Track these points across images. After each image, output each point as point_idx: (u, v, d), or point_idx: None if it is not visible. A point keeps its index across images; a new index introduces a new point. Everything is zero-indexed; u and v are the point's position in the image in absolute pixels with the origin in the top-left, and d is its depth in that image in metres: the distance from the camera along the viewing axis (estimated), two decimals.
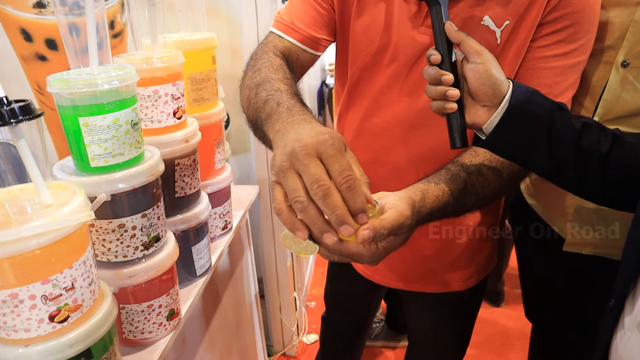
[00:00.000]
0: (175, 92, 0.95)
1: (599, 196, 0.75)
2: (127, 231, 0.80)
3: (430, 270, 1.09)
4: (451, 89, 0.69)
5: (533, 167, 0.75)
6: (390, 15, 0.89)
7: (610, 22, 0.92)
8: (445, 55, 0.70)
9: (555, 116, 0.69)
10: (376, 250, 0.65)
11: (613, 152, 0.70)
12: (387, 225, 0.62)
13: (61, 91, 0.73)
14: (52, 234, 0.59)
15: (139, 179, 0.79)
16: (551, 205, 1.12)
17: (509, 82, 0.70)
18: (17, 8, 1.68)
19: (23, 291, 0.59)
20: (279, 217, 0.59)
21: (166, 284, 0.89)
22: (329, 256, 0.66)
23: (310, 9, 0.94)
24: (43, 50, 1.76)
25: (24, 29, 1.72)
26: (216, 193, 1.22)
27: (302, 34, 0.94)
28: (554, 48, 0.81)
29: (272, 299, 2.02)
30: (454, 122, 0.71)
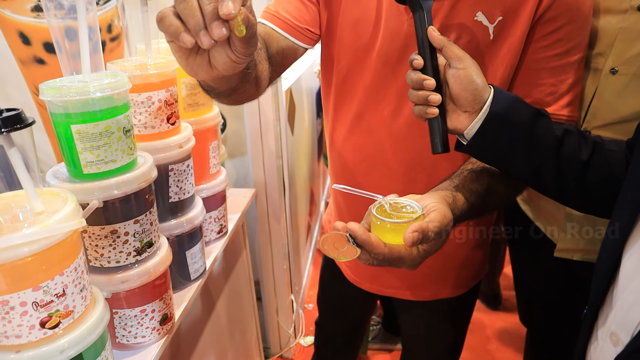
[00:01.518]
0: (169, 98, 0.96)
1: (578, 203, 0.75)
2: (119, 237, 0.81)
3: (421, 278, 1.09)
4: (433, 93, 0.70)
5: (513, 173, 0.75)
6: (379, 9, 0.89)
7: (599, 30, 0.93)
8: (427, 60, 0.71)
9: (536, 122, 0.70)
10: (417, 254, 0.66)
11: (593, 159, 0.70)
12: (434, 228, 0.64)
13: (53, 99, 0.74)
14: (44, 241, 0.60)
15: (131, 186, 0.79)
16: (543, 210, 1.13)
17: (490, 88, 0.70)
18: (15, 12, 1.69)
19: (14, 298, 0.60)
20: (160, 23, 0.53)
21: (159, 288, 0.89)
22: (369, 260, 0.65)
23: (295, 1, 0.94)
24: (41, 54, 1.77)
25: (22, 32, 1.73)
26: (211, 197, 1.22)
27: (283, 21, 0.93)
28: (555, 47, 0.81)
29: (269, 301, 2.02)
30: (435, 127, 0.71)
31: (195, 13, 0.50)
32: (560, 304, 1.18)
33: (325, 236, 0.66)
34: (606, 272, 0.64)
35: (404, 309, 1.22)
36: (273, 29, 0.93)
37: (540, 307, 1.27)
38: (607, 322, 0.63)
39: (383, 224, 0.65)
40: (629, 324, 0.58)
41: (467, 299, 1.15)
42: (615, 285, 0.63)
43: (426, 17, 0.71)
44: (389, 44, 0.90)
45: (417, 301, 1.13)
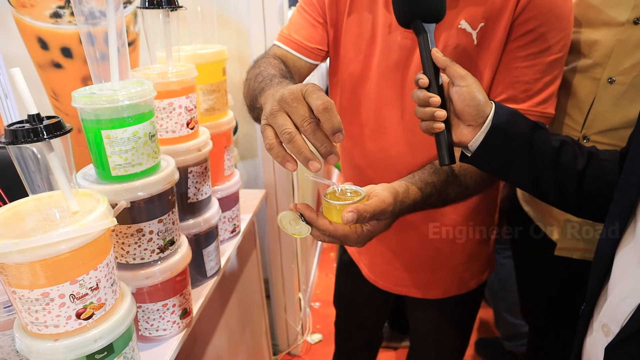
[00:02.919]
0: (188, 104, 1.01)
1: (576, 209, 0.80)
2: (144, 235, 0.86)
3: (431, 277, 1.15)
4: (438, 110, 0.74)
5: (515, 181, 0.81)
6: (375, 25, 0.97)
7: (597, 41, 0.98)
8: (432, 79, 0.75)
9: (534, 134, 0.75)
10: (361, 233, 0.74)
11: (588, 168, 0.75)
12: (370, 210, 0.71)
13: (85, 106, 0.79)
14: (80, 239, 0.65)
15: (156, 187, 0.85)
16: (544, 210, 1.17)
17: (492, 104, 0.75)
18: (34, 18, 1.75)
19: (53, 290, 0.65)
20: (270, 152, 0.66)
21: (179, 284, 0.95)
22: (320, 237, 0.74)
23: (305, 23, 1.05)
24: (58, 58, 1.83)
25: (40, 37, 1.80)
26: (225, 198, 1.28)
27: (297, 44, 1.05)
28: (528, 47, 0.86)
29: (277, 299, 2.07)
30: (442, 140, 0.76)
31: (301, 150, 0.64)
32: (560, 301, 1.22)
33: (282, 214, 0.73)
34: (601, 271, 0.69)
35: (415, 307, 1.27)
36: (288, 51, 1.05)
37: (541, 304, 1.31)
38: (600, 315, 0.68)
39: (329, 205, 0.74)
40: (618, 316, 0.63)
41: (474, 295, 1.20)
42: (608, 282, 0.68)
43: (430, 40, 0.76)
44: (386, 56, 0.97)
45: (428, 299, 1.18)
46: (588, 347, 0.72)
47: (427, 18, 0.76)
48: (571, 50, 1.05)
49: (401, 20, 0.78)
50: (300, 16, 1.07)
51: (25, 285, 0.65)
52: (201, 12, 1.26)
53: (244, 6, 1.61)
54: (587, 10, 1.01)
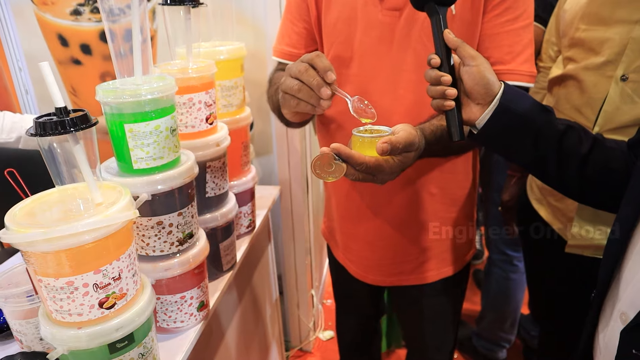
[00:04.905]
0: (208, 99, 1.02)
1: (577, 194, 0.82)
2: (164, 228, 0.88)
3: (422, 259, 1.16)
4: (449, 88, 0.77)
5: (519, 160, 0.83)
6: (354, 5, 1.00)
7: (610, 39, 0.98)
8: (443, 59, 0.78)
9: (541, 116, 0.77)
10: (393, 164, 0.79)
11: (592, 153, 0.77)
12: (402, 140, 0.77)
13: (109, 100, 0.80)
14: (104, 229, 0.67)
15: (176, 181, 0.86)
16: (554, 208, 1.17)
17: (501, 84, 0.77)
18: (55, 15, 1.78)
19: (78, 279, 0.67)
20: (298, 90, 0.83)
21: (197, 277, 0.96)
22: (354, 174, 0.78)
23: (290, 31, 1.13)
24: (78, 55, 1.86)
25: (61, 34, 1.83)
26: (242, 193, 1.29)
27: (288, 54, 1.14)
28: (505, 14, 0.94)
29: (290, 295, 2.08)
30: (451, 118, 0.79)
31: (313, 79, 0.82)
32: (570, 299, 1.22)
33: (315, 160, 0.76)
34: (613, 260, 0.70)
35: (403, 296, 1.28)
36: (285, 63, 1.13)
37: (551, 302, 1.31)
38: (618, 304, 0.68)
39: (362, 140, 0.79)
40: (637, 303, 0.64)
41: (462, 276, 1.23)
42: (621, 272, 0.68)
43: (442, 21, 0.78)
44: (368, 34, 1.00)
45: (420, 285, 1.19)
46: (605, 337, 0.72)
47: (441, 1, 0.79)
48: (583, 47, 1.05)
49: (416, 3, 0.81)
50: (285, 25, 1.14)
51: (51, 273, 0.66)
52: (220, 9, 1.28)
53: (260, 4, 1.62)
54: (600, 8, 1.01)
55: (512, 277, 1.91)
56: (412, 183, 1.08)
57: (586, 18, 1.04)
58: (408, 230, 1.14)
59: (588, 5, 1.04)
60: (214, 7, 1.29)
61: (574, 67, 1.08)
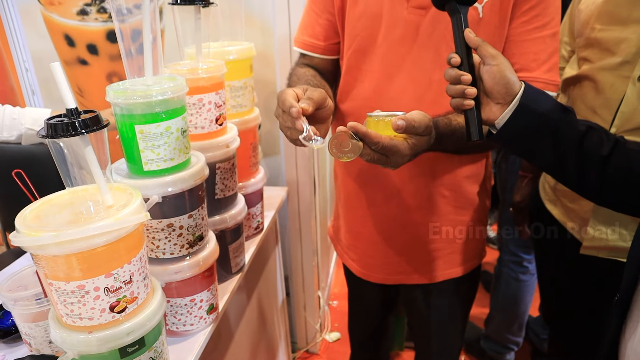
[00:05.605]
0: (217, 100, 1.01)
1: (597, 196, 0.81)
2: (174, 230, 0.87)
3: (428, 258, 1.15)
4: (469, 87, 0.76)
5: (538, 161, 0.81)
6: (381, 1, 1.00)
7: (627, 39, 0.97)
8: (464, 58, 0.77)
9: (561, 116, 0.76)
10: (407, 145, 0.80)
11: (613, 155, 0.75)
12: (417, 119, 0.79)
13: (119, 101, 0.79)
14: (115, 232, 0.65)
15: (187, 183, 0.85)
16: (569, 210, 1.16)
17: (521, 83, 0.76)
18: (62, 15, 1.78)
19: (89, 283, 0.66)
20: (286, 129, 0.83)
21: (207, 280, 0.95)
22: (369, 154, 0.78)
23: (314, 22, 1.11)
24: (84, 55, 1.86)
25: (67, 34, 1.82)
26: (251, 194, 1.28)
27: (311, 45, 1.13)
28: (533, 22, 0.94)
29: (297, 297, 2.07)
30: (470, 117, 0.78)
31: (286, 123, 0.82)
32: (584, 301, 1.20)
33: (332, 139, 0.77)
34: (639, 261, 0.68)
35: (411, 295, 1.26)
36: (308, 54, 1.13)
37: (563, 304, 1.29)
38: None
39: (378, 120, 0.80)
40: None
41: (471, 279, 1.21)
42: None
43: (463, 20, 0.78)
44: (391, 31, 1.00)
45: (427, 285, 1.18)
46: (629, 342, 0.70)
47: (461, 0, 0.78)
48: (599, 48, 1.04)
49: (437, 1, 0.80)
50: (308, 15, 1.13)
51: (62, 277, 0.65)
52: (229, 9, 1.27)
53: (268, 4, 1.61)
54: (617, 8, 1.00)
55: (522, 278, 1.90)
56: (424, 184, 1.07)
57: (602, 18, 1.03)
58: (416, 230, 1.13)
59: (604, 5, 1.03)
60: (223, 6, 1.28)
61: (590, 68, 1.06)
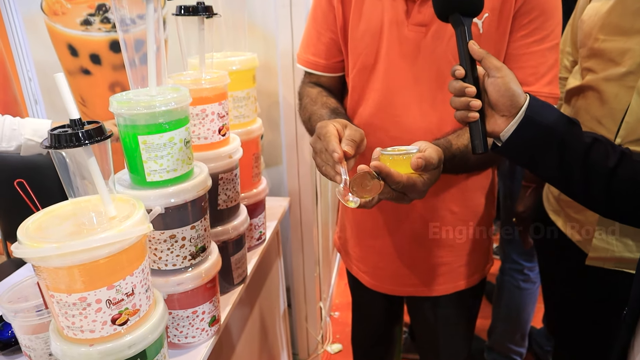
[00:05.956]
0: (221, 110, 1.01)
1: (603, 208, 0.80)
2: (177, 241, 0.86)
3: (436, 272, 1.14)
4: (474, 100, 0.76)
5: (544, 173, 0.81)
6: (381, 18, 0.99)
7: (631, 49, 0.96)
8: (468, 70, 0.77)
9: (567, 129, 0.76)
10: (424, 181, 0.81)
11: (620, 167, 0.75)
12: (434, 156, 0.80)
13: (122, 111, 0.79)
14: (118, 244, 0.65)
15: (190, 194, 0.84)
16: (573, 220, 1.15)
17: (526, 96, 0.76)
18: (66, 25, 1.78)
19: (91, 295, 0.65)
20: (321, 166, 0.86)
21: (209, 291, 0.94)
22: (389, 193, 0.80)
23: (317, 40, 1.11)
24: (87, 65, 1.86)
25: (71, 44, 1.83)
26: (253, 205, 1.27)
27: (314, 63, 1.12)
28: (532, 35, 0.94)
29: (298, 308, 2.06)
30: (475, 130, 0.77)
31: None
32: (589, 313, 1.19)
33: (353, 179, 0.78)
34: None
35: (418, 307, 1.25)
36: (313, 73, 1.13)
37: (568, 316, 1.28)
38: None
39: (393, 158, 0.80)
40: None
41: (476, 291, 1.21)
42: None
43: (467, 32, 0.77)
44: (393, 48, 0.99)
45: (436, 297, 1.17)
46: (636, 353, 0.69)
47: (465, 12, 0.78)
48: (602, 58, 1.04)
49: (440, 14, 0.80)
50: (310, 33, 1.12)
51: (63, 289, 0.65)
52: (232, 20, 1.27)
53: (271, 14, 1.61)
54: (620, 19, 1.00)
55: (523, 286, 1.89)
56: (432, 200, 1.07)
57: (606, 28, 1.03)
58: (426, 244, 1.12)
59: (608, 16, 1.03)
60: (226, 17, 1.28)
61: (594, 78, 1.06)
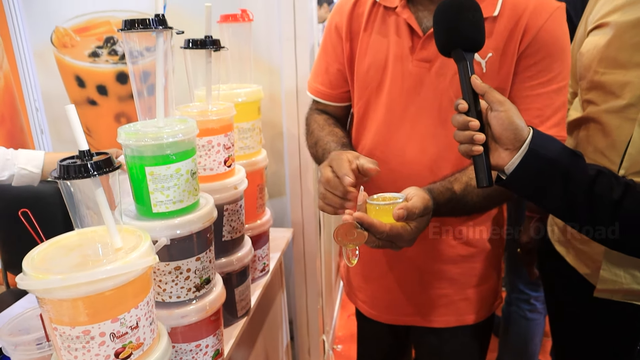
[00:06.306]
0: (226, 142, 1.02)
1: (610, 240, 0.80)
2: (182, 273, 0.85)
3: (436, 303, 1.12)
4: (477, 133, 0.76)
5: (548, 206, 0.81)
6: (386, 53, 1.01)
7: (630, 82, 0.97)
8: (471, 104, 0.78)
9: (571, 162, 0.76)
10: (410, 230, 0.82)
11: (625, 199, 0.75)
12: (418, 206, 0.81)
13: (130, 142, 0.79)
14: (124, 276, 0.64)
15: (196, 225, 0.84)
16: (579, 252, 1.14)
17: (529, 129, 0.77)
18: (74, 57, 1.82)
19: (95, 328, 0.64)
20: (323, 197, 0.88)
21: (213, 324, 0.93)
22: (374, 242, 0.80)
23: (326, 71, 1.13)
24: (94, 96, 1.89)
25: (78, 75, 1.86)
26: (257, 236, 1.27)
27: (323, 93, 1.15)
28: (537, 77, 0.94)
29: (301, 341, 2.02)
30: (479, 163, 0.77)
31: None
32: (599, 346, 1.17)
33: (337, 228, 0.79)
34: None
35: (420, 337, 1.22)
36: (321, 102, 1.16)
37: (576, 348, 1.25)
38: None
39: (379, 208, 0.82)
40: None
41: (485, 327, 1.18)
42: None
43: (469, 67, 0.79)
44: (397, 83, 1.01)
45: (440, 330, 1.15)
46: None
47: (467, 47, 0.79)
48: (602, 91, 1.05)
49: (442, 49, 0.81)
50: (320, 63, 1.15)
51: (67, 322, 0.64)
52: (239, 53, 1.29)
53: (276, 47, 1.64)
54: (618, 52, 1.01)
55: (530, 316, 1.87)
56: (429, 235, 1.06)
57: (604, 62, 1.04)
58: (424, 275, 1.11)
59: (606, 50, 1.04)
60: (233, 50, 1.30)
61: (595, 110, 1.07)
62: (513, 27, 0.93)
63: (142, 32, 0.80)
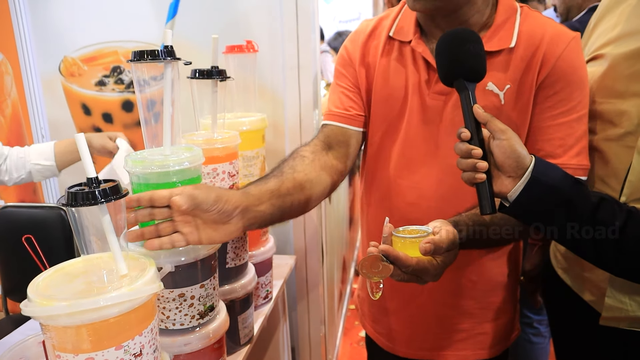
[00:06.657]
0: (231, 170, 1.03)
1: (614, 267, 0.81)
2: (186, 300, 0.85)
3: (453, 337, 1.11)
4: (480, 161, 0.78)
5: (551, 234, 0.82)
6: (405, 84, 1.03)
7: (626, 111, 0.99)
8: (474, 133, 0.80)
9: (574, 189, 0.77)
10: (437, 265, 0.80)
11: (628, 226, 0.76)
12: (445, 240, 0.80)
13: (136, 170, 0.81)
14: (129, 303, 0.64)
15: (200, 252, 0.85)
16: (583, 278, 1.13)
17: (532, 157, 0.78)
18: (81, 86, 1.85)
19: (98, 356, 0.64)
20: None
21: (216, 352, 0.92)
22: (400, 275, 0.79)
23: (341, 95, 1.10)
24: (99, 123, 1.91)
25: (84, 103, 1.89)
26: (260, 263, 1.27)
27: (337, 115, 1.09)
28: (558, 107, 0.94)
29: None
30: (482, 191, 0.79)
31: None
32: None
33: (363, 260, 0.78)
34: None
35: None
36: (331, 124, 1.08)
37: None
38: None
39: (405, 241, 0.80)
40: None
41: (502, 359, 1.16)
42: None
43: (471, 96, 0.81)
44: (416, 116, 1.01)
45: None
46: None
47: (469, 77, 0.81)
48: (602, 119, 1.06)
49: (445, 79, 0.83)
50: (335, 90, 1.13)
51: (69, 349, 0.64)
52: (243, 82, 1.31)
53: (279, 76, 1.67)
54: (614, 82, 1.03)
55: (534, 340, 1.87)
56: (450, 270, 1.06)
57: (601, 92, 1.06)
58: (445, 311, 1.10)
59: (603, 80, 1.06)
60: (238, 79, 1.33)
61: (594, 138, 1.08)
62: (530, 58, 0.93)
63: (150, 62, 0.82)
